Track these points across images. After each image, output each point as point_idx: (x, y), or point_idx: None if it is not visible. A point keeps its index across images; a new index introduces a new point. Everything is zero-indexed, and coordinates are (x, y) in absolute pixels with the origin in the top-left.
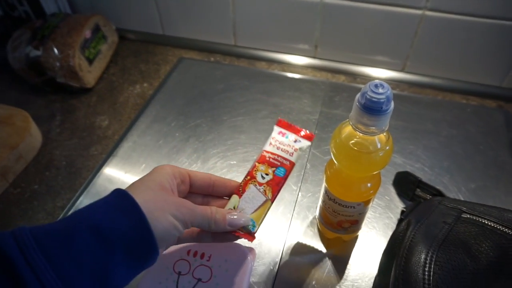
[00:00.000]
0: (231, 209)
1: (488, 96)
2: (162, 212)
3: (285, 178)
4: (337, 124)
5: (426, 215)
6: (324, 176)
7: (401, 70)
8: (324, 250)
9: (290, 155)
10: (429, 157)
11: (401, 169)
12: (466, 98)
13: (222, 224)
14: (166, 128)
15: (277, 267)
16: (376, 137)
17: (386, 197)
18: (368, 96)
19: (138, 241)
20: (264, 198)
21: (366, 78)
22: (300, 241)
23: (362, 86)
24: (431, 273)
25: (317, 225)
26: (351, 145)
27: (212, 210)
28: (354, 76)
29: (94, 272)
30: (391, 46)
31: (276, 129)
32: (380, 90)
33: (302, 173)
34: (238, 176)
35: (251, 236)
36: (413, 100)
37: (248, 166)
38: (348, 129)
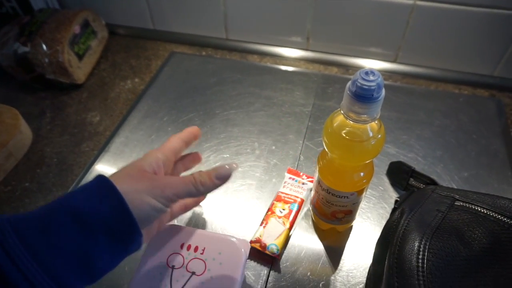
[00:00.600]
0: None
1: (480, 86)
2: (138, 193)
3: (298, 211)
4: (329, 115)
5: (420, 204)
6: (317, 166)
7: (394, 61)
8: (318, 241)
9: (300, 194)
10: (422, 147)
11: (394, 159)
12: (458, 88)
13: (209, 182)
14: (159, 123)
15: (271, 259)
16: (367, 126)
17: (380, 187)
18: (358, 84)
19: (119, 223)
20: (283, 228)
21: (359, 70)
22: (295, 233)
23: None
24: (425, 260)
25: (312, 217)
26: (343, 134)
27: (194, 175)
28: (347, 67)
29: (76, 256)
30: (383, 37)
31: (287, 175)
32: (371, 77)
33: (296, 165)
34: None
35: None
36: (406, 90)
37: (241, 159)
38: (339, 118)
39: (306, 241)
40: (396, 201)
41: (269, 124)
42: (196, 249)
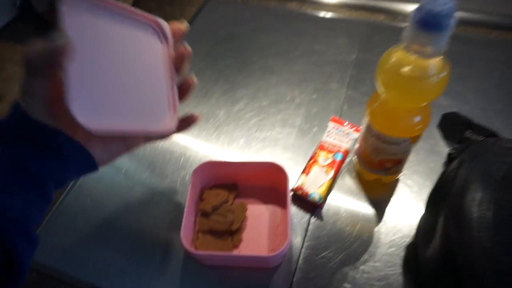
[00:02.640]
0: None
1: None
2: None
3: (342, 161)
4: (376, 65)
5: (480, 155)
6: (366, 112)
7: None
8: (362, 192)
9: (345, 143)
10: (480, 99)
11: (447, 111)
12: None
13: None
14: (195, 69)
15: (313, 208)
16: (430, 62)
17: (430, 140)
18: (427, 9)
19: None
20: (326, 177)
21: (408, 17)
22: (337, 183)
23: (403, 25)
24: (488, 212)
25: (355, 167)
26: (402, 71)
27: None
28: (395, 14)
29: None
30: None
31: (331, 124)
32: (441, 1)
33: (339, 115)
34: (267, 118)
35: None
36: (463, 39)
37: (280, 107)
38: (398, 54)
39: (349, 192)
40: (449, 155)
41: (309, 73)
42: None
